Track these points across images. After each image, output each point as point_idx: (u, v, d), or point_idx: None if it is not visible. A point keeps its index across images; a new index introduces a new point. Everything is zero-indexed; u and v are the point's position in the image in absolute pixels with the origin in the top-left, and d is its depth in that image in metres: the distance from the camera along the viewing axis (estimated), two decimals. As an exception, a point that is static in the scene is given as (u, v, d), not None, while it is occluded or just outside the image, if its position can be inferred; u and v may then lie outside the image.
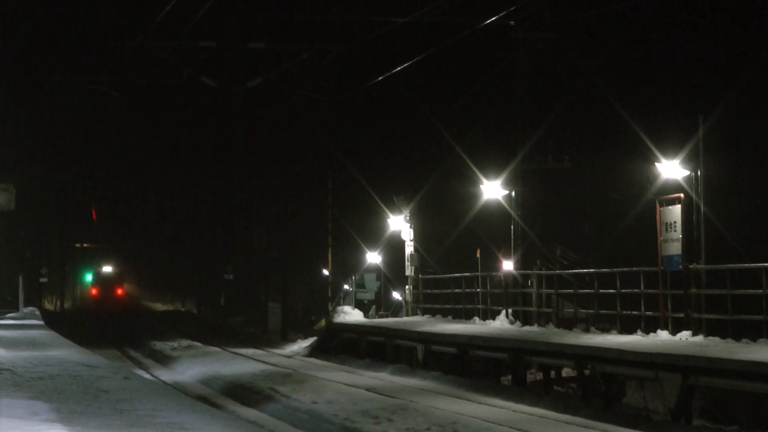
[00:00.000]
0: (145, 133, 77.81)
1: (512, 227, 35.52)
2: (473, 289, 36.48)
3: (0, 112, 52.52)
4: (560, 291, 31.90)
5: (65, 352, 25.44)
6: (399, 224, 42.10)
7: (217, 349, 42.09)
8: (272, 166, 65.91)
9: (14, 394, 15.68)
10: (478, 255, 36.81)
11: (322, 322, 49.28)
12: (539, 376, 27.95)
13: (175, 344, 44.35)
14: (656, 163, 27.47)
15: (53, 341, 30.31)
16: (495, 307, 34.84)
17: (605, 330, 28.21)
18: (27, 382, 17.75)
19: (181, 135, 77.43)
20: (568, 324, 30.17)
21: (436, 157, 47.02)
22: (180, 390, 26.69)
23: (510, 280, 34.67)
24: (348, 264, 54.13)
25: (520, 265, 35.05)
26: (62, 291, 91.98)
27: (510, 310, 33.78)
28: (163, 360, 39.54)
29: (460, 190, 43.03)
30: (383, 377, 30.97)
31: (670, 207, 25.87)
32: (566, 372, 28.16)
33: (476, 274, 36.18)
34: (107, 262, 78.87)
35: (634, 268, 27.58)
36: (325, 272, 56.85)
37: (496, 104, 40.92)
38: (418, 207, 42.41)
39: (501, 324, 33.00)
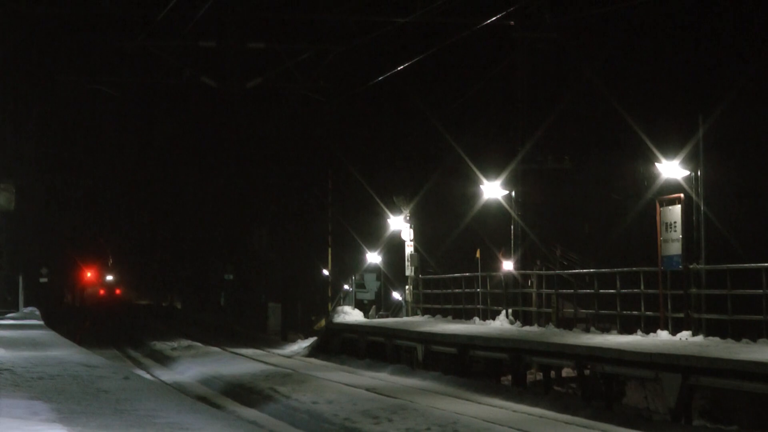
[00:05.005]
0: (145, 133, 77.76)
1: (512, 227, 35.51)
2: (473, 289, 36.46)
3: (0, 112, 52.46)
4: (560, 291, 31.88)
5: (65, 352, 25.42)
6: (399, 224, 42.09)
7: (217, 349, 42.08)
8: (272, 166, 65.86)
9: (14, 394, 15.67)
10: (478, 255, 36.77)
11: (322, 322, 49.21)
12: (539, 376, 27.93)
13: (175, 344, 44.37)
14: (656, 163, 27.48)
15: (53, 341, 30.28)
16: (495, 307, 34.83)
17: (605, 330, 28.19)
18: (27, 382, 17.74)
19: (180, 135, 77.36)
20: (568, 324, 30.16)
21: (436, 157, 46.97)
22: (180, 390, 26.69)
23: (510, 280, 34.65)
24: (348, 264, 54.10)
25: (520, 265, 35.03)
26: (62, 291, 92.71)
27: (510, 310, 33.77)
28: (163, 360, 39.54)
29: (460, 190, 42.99)
30: (383, 377, 30.96)
31: (670, 207, 25.87)
32: (566, 372, 28.16)
33: (476, 274, 36.16)
34: (110, 273, 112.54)
35: (634, 268, 27.58)
36: (325, 272, 56.82)
37: (496, 104, 40.89)
38: (418, 207, 42.38)
39: (501, 324, 32.99)
